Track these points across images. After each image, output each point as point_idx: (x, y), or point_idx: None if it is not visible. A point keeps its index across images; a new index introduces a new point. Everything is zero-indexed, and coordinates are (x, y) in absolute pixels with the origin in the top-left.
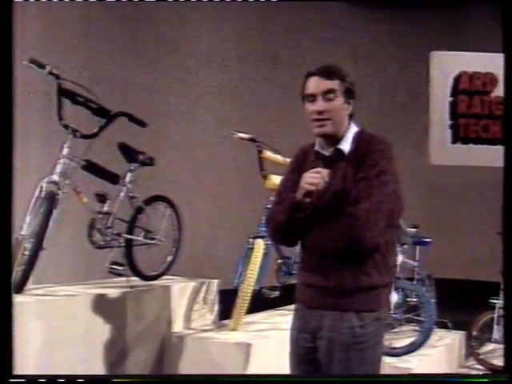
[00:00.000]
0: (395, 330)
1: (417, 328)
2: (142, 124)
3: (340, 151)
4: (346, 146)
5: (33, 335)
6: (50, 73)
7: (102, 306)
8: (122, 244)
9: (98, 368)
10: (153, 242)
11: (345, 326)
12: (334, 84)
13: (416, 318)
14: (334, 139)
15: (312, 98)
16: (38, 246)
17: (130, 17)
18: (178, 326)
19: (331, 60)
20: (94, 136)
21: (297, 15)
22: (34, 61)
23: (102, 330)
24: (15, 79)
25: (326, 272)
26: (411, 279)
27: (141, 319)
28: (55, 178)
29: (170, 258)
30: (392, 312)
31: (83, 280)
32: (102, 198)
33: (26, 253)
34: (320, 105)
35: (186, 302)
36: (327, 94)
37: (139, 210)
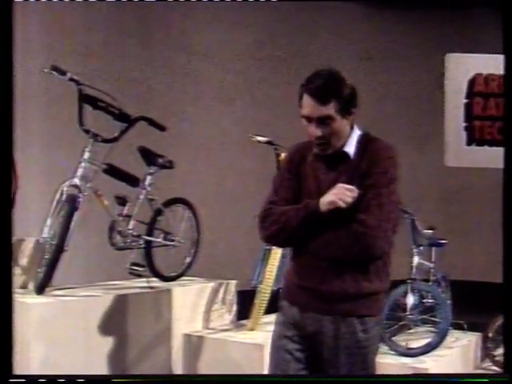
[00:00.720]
0: (411, 330)
1: (433, 329)
2: (161, 128)
3: (345, 154)
4: (350, 148)
5: (53, 335)
6: (71, 79)
7: (122, 306)
8: (142, 245)
9: (117, 367)
10: (172, 243)
11: (347, 331)
12: (330, 109)
13: (432, 319)
14: (336, 146)
15: (307, 119)
16: (60, 249)
17: (142, 19)
18: (197, 326)
19: (345, 62)
20: (114, 140)
21: (310, 17)
22: (56, 68)
23: (122, 330)
24: (15, 78)
25: (327, 277)
26: (427, 280)
27: (160, 319)
28: (76, 181)
29: (188, 259)
30: (408, 313)
31: (103, 281)
32: (121, 201)
33: (47, 255)
34: (317, 131)
35: (204, 302)
36: (323, 119)
37: (158, 212)
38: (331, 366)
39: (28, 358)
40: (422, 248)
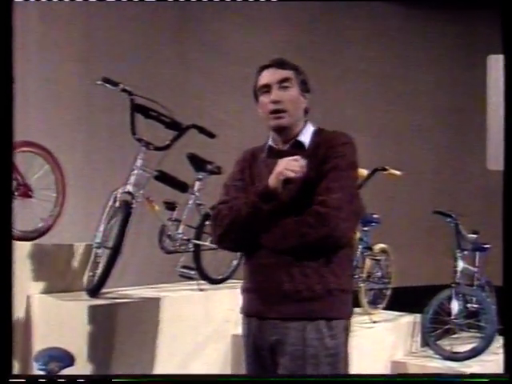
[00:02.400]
0: (456, 335)
1: (478, 334)
2: (211, 135)
3: (299, 144)
4: (305, 138)
5: (105, 337)
6: (123, 90)
7: (173, 307)
8: (191, 249)
9: (168, 368)
10: None
11: (313, 337)
12: (289, 73)
13: (477, 323)
14: (290, 134)
15: (266, 88)
16: (116, 253)
17: (174, 22)
18: None
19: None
20: (166, 148)
21: (345, 17)
22: (107, 80)
23: (173, 331)
24: (15, 78)
25: (287, 274)
26: (471, 285)
27: (210, 320)
28: (129, 188)
29: (235, 262)
30: (453, 317)
31: (153, 284)
32: (171, 206)
33: (99, 259)
34: (276, 94)
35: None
36: (282, 82)
37: (207, 217)
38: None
39: (86, 359)
40: (465, 252)
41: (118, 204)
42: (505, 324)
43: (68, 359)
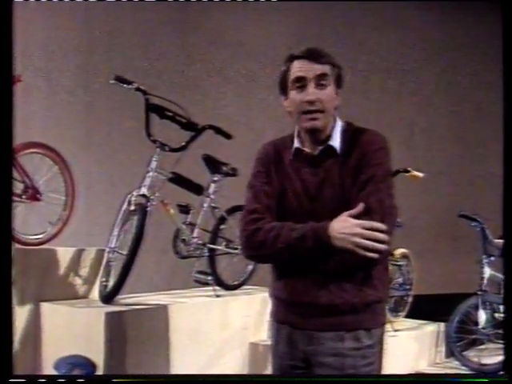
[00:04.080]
0: (483, 346)
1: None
2: (227, 136)
3: (331, 149)
4: (336, 142)
5: (121, 344)
6: (138, 89)
7: (189, 314)
8: (206, 254)
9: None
10: (235, 251)
11: (351, 347)
12: (327, 69)
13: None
14: (322, 135)
15: (300, 83)
16: (132, 258)
17: (178, 12)
18: (263, 336)
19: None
20: (182, 149)
21: (361, 14)
22: (120, 78)
23: (189, 339)
24: (16, 77)
25: (323, 288)
26: (498, 293)
27: (227, 327)
28: (144, 190)
29: (250, 268)
30: (480, 327)
31: (167, 290)
32: (185, 209)
33: (112, 264)
34: (313, 93)
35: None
36: (320, 79)
37: (222, 220)
38: None
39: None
40: (492, 258)
41: (132, 207)
42: (505, 324)
43: (90, 366)
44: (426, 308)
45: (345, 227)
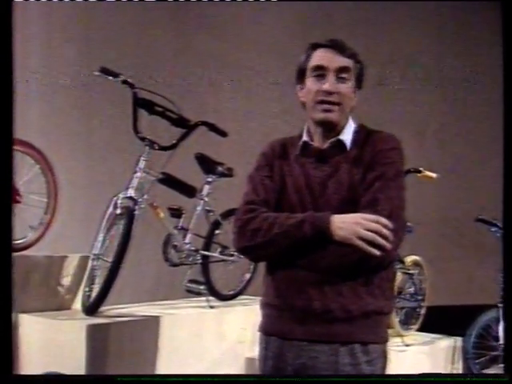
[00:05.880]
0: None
1: None
2: (222, 134)
3: (341, 144)
4: (346, 137)
5: (105, 359)
6: (125, 82)
7: (179, 327)
8: (198, 261)
9: None
10: (231, 258)
11: (346, 362)
12: (349, 62)
13: None
14: (333, 131)
15: (320, 72)
16: (117, 266)
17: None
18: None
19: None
20: (173, 147)
21: (364, 9)
22: (105, 70)
23: (180, 353)
24: (15, 77)
25: (318, 290)
26: None
27: (221, 341)
28: (131, 192)
29: (247, 276)
30: (501, 342)
31: (157, 300)
32: (177, 213)
33: (96, 272)
34: (332, 84)
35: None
36: (341, 72)
37: (216, 225)
38: None
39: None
40: None
41: (118, 211)
42: (505, 324)
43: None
44: (440, 321)
45: (347, 217)
